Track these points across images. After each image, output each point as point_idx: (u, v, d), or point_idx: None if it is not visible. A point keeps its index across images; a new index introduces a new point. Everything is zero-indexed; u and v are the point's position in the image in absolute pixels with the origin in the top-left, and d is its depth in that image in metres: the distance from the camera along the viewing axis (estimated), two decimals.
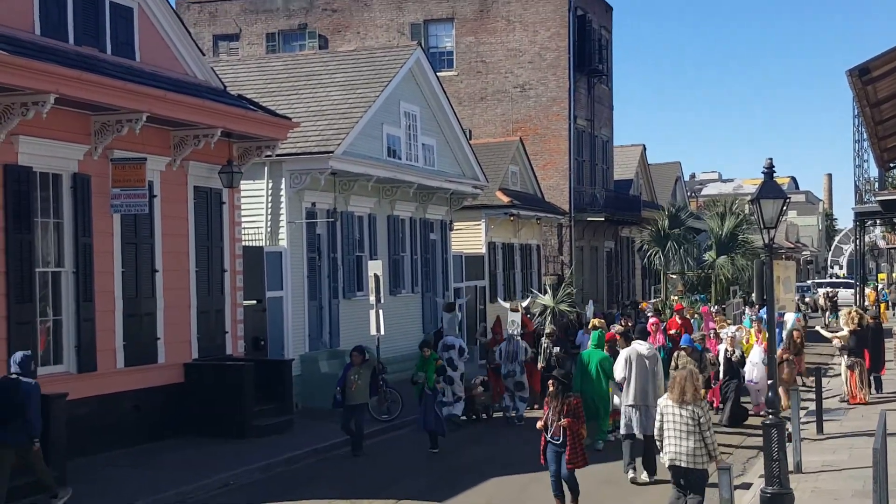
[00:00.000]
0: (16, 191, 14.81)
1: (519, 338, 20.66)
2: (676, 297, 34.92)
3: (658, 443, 11.22)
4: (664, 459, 11.12)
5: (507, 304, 24.07)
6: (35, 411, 12.46)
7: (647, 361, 14.76)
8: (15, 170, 14.85)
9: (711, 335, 20.44)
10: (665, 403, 10.99)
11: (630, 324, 22.29)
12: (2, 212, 14.61)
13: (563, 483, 12.36)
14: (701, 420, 10.67)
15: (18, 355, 12.93)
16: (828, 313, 46.39)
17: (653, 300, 37.85)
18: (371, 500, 13.46)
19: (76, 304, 15.91)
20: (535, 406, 19.86)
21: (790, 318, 29.74)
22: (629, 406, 14.73)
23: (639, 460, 14.47)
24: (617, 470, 14.82)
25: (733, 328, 20.79)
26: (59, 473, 13.66)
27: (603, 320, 21.70)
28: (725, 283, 38.27)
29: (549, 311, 22.40)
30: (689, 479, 10.78)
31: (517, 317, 21.61)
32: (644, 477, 14.42)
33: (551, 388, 12.41)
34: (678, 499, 10.99)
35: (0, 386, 12.63)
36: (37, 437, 12.43)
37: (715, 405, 19.35)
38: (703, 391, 11.36)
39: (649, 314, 24.60)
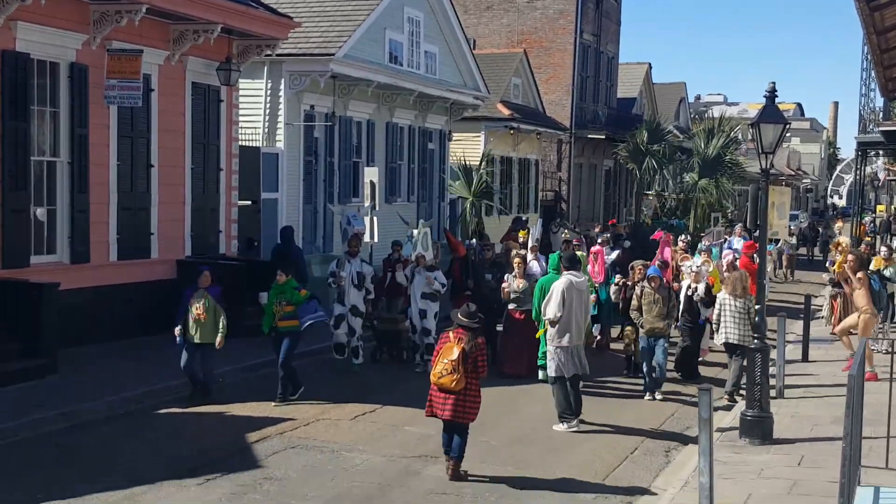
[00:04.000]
0: (13, 77, 14.67)
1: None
2: (650, 221, 33.91)
3: (714, 325, 14.50)
4: (720, 339, 14.35)
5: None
6: (303, 267, 17.61)
7: (582, 295, 12.85)
8: (12, 56, 14.69)
9: (661, 264, 16.53)
10: (723, 297, 14.28)
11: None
12: None
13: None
14: (750, 309, 13.97)
15: (284, 228, 19.58)
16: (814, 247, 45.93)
17: (623, 222, 35.02)
18: (357, 403, 13.63)
19: (70, 195, 15.89)
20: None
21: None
22: (560, 347, 12.60)
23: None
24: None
25: (698, 260, 17.44)
26: (50, 360, 13.83)
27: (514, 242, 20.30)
28: (706, 209, 35.24)
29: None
30: (739, 351, 14.05)
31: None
32: (575, 425, 12.49)
33: None
34: (731, 367, 14.50)
35: (280, 251, 18.34)
36: (305, 283, 15.56)
37: None
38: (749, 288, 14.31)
39: (598, 240, 20.75)
